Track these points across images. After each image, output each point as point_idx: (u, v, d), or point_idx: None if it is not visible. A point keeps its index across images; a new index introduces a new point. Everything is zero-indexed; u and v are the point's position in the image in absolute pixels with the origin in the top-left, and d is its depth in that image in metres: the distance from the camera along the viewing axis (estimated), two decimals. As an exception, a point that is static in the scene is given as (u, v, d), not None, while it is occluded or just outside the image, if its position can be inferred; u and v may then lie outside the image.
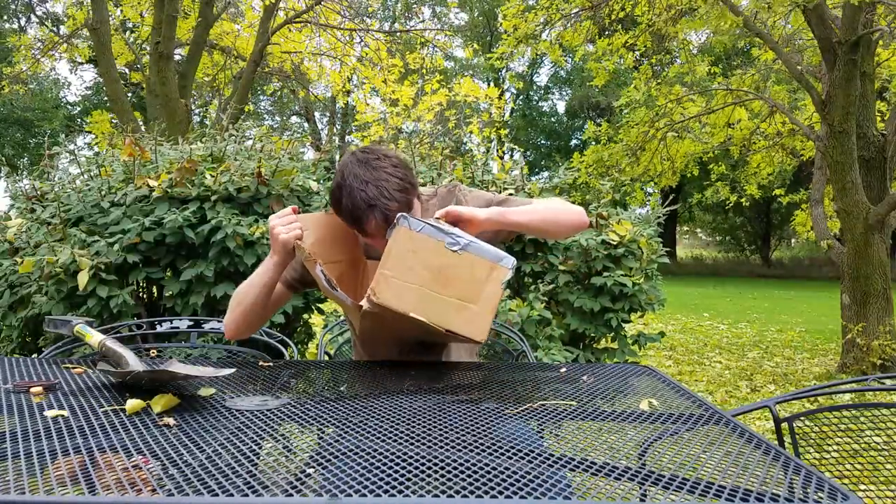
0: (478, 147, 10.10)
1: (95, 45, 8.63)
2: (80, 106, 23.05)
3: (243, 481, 0.80)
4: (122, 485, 0.78)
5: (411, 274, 1.28)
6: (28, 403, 1.13)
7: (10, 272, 2.89)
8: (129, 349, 1.31)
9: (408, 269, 1.28)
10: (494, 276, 1.28)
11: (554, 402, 1.22)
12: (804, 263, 25.09)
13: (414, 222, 1.28)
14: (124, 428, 1.00)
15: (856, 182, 5.49)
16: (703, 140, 8.27)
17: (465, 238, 1.28)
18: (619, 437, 1.05)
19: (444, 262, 1.27)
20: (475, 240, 1.29)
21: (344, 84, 11.78)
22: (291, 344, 1.93)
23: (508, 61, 7.68)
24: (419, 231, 1.27)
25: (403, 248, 1.28)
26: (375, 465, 0.86)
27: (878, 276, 5.56)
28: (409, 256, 1.28)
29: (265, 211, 2.94)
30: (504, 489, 0.79)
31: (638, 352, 3.18)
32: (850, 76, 5.31)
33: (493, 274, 1.28)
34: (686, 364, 6.07)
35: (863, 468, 1.39)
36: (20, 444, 0.92)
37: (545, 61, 25.12)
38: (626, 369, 1.54)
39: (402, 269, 1.28)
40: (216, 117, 8.55)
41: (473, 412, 1.12)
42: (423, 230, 1.28)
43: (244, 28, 11.23)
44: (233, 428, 1.01)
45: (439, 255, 1.27)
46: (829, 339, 7.74)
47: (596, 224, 3.14)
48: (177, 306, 2.79)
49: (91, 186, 3.01)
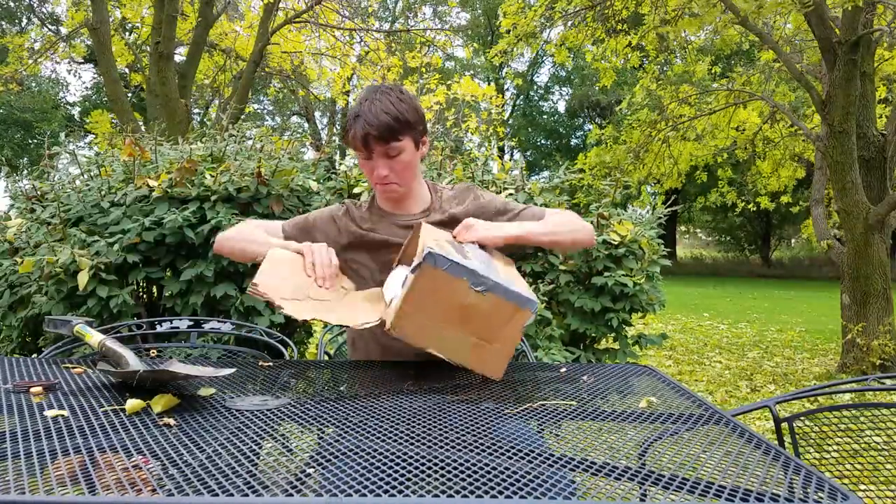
0: (478, 147, 10.11)
1: (95, 45, 8.63)
2: (80, 106, 23.05)
3: (243, 481, 0.80)
4: (122, 485, 0.78)
5: (432, 311, 1.27)
6: (28, 403, 1.13)
7: (10, 272, 2.89)
8: (129, 349, 1.31)
9: (429, 306, 1.27)
10: (516, 319, 1.27)
11: (554, 402, 1.22)
12: (804, 263, 25.09)
13: (440, 260, 1.26)
14: (124, 428, 1.00)
15: (856, 182, 5.49)
16: (706, 142, 8.26)
17: (490, 279, 1.26)
18: (619, 437, 1.05)
19: (466, 302, 1.26)
20: (500, 281, 1.26)
21: (344, 84, 11.78)
22: (291, 344, 1.93)
23: (509, 59, 7.66)
24: (444, 269, 1.26)
25: (426, 287, 1.27)
26: (375, 465, 0.86)
27: (878, 276, 5.56)
28: (431, 295, 1.27)
29: (265, 211, 2.94)
30: (504, 489, 0.79)
31: (638, 352, 3.18)
32: (850, 76, 5.31)
33: (515, 316, 1.27)
34: (686, 364, 6.07)
35: (863, 468, 1.39)
36: (20, 444, 0.92)
37: (545, 61, 25.13)
38: (626, 369, 1.54)
39: (423, 305, 1.27)
40: (216, 117, 8.55)
41: (473, 412, 1.12)
42: (448, 268, 1.26)
43: (244, 28, 11.22)
44: (233, 428, 1.01)
45: (462, 294, 1.26)
46: (829, 339, 7.74)
47: (597, 224, 3.14)
48: (177, 306, 2.79)
49: (91, 186, 3.01)
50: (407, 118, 1.49)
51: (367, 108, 1.47)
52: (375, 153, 1.50)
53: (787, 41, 7.03)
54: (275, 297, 1.32)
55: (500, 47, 7.16)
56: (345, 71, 11.54)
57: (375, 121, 1.46)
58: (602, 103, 22.54)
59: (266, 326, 2.52)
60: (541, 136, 26.84)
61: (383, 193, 1.60)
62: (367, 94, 1.52)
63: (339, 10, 10.88)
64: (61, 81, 22.64)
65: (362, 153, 1.52)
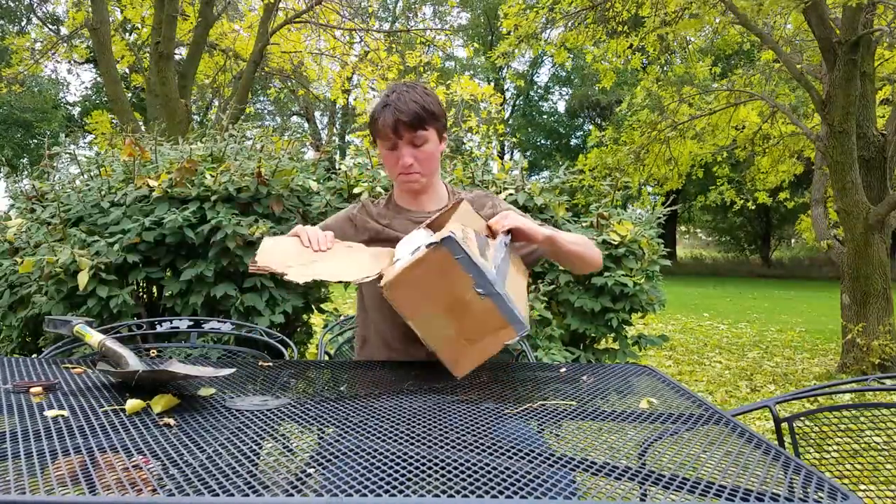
0: (478, 147, 10.09)
1: (95, 45, 8.62)
2: (80, 106, 23.05)
3: (243, 481, 0.80)
4: (122, 485, 0.78)
5: (428, 290, 1.28)
6: (28, 403, 1.13)
7: (10, 272, 2.89)
8: (128, 349, 1.31)
9: (427, 285, 1.28)
10: (501, 335, 1.27)
11: (554, 402, 1.22)
12: (804, 263, 25.09)
13: (456, 248, 1.26)
14: (124, 428, 1.00)
15: (856, 182, 5.49)
16: (706, 140, 8.25)
17: (494, 288, 1.25)
18: (619, 437, 1.05)
19: (464, 298, 1.26)
20: (502, 293, 1.26)
21: (344, 83, 11.78)
22: (291, 344, 1.93)
23: (509, 60, 7.66)
24: (457, 258, 1.26)
25: (433, 267, 1.27)
26: (375, 465, 0.86)
27: (878, 276, 5.56)
28: (435, 276, 1.27)
29: (265, 211, 2.94)
30: (505, 489, 0.79)
31: (638, 352, 3.18)
32: (850, 76, 5.31)
33: (500, 332, 1.27)
34: (686, 364, 6.07)
35: (863, 468, 1.39)
36: (20, 444, 0.92)
37: (545, 61, 25.12)
38: (627, 369, 1.54)
39: (423, 282, 1.28)
40: (216, 117, 8.55)
41: (473, 412, 1.12)
42: (460, 259, 1.26)
43: (244, 28, 11.22)
44: (233, 428, 1.01)
45: (463, 289, 1.26)
46: (829, 339, 7.74)
47: (597, 224, 3.14)
48: (177, 306, 2.79)
49: (91, 186, 3.01)
50: (433, 110, 1.56)
51: (395, 98, 1.54)
52: (403, 141, 1.55)
53: (787, 41, 7.03)
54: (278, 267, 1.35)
55: (502, 49, 7.15)
56: (345, 70, 11.53)
57: (406, 108, 1.52)
58: (602, 103, 22.54)
59: (266, 326, 2.52)
60: (541, 136, 26.82)
61: (405, 184, 1.62)
62: (393, 88, 1.59)
63: (339, 11, 10.88)
64: (61, 81, 22.66)
65: (389, 142, 1.56)
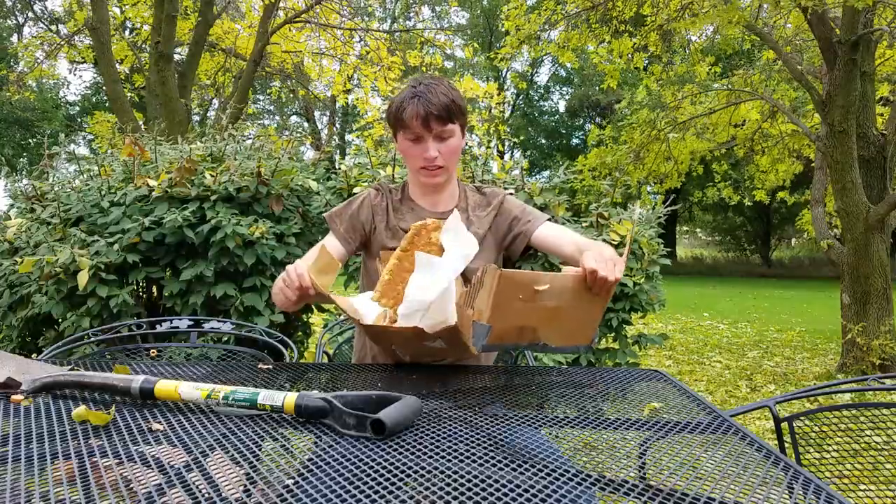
0: (478, 146, 10.08)
1: (95, 45, 8.62)
2: (80, 106, 23.05)
3: (238, 484, 0.80)
4: (112, 489, 0.78)
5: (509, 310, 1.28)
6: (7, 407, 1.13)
7: (10, 272, 2.89)
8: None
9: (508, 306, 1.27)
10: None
11: (557, 405, 1.22)
12: (804, 263, 25.09)
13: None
14: (110, 434, 1.00)
15: (856, 182, 5.49)
16: (706, 137, 8.24)
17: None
18: (619, 437, 1.05)
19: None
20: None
21: (344, 83, 11.77)
22: (291, 344, 1.93)
23: (510, 61, 7.66)
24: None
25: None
26: (365, 473, 0.86)
27: (878, 276, 5.56)
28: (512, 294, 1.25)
29: (265, 211, 2.94)
30: (513, 500, 0.79)
31: (638, 352, 3.17)
32: (850, 76, 5.31)
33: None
34: (686, 364, 6.06)
35: (863, 468, 1.39)
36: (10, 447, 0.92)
37: (545, 61, 25.12)
38: (635, 374, 1.52)
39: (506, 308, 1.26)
40: (216, 117, 8.55)
41: (473, 417, 1.12)
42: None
43: (244, 28, 11.22)
44: (225, 430, 1.01)
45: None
46: (829, 339, 7.74)
47: (596, 224, 3.13)
48: (177, 306, 2.79)
49: (91, 186, 3.01)
50: (460, 105, 1.56)
51: (424, 90, 1.52)
52: (430, 134, 1.53)
53: (787, 41, 7.03)
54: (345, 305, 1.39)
55: (504, 51, 7.14)
56: (346, 69, 11.52)
57: (437, 101, 1.51)
58: (602, 103, 22.53)
59: (266, 326, 2.52)
60: (541, 136, 26.82)
61: (427, 177, 1.59)
62: (420, 80, 1.57)
63: (339, 11, 10.87)
64: (61, 81, 22.65)
65: (415, 133, 1.53)
